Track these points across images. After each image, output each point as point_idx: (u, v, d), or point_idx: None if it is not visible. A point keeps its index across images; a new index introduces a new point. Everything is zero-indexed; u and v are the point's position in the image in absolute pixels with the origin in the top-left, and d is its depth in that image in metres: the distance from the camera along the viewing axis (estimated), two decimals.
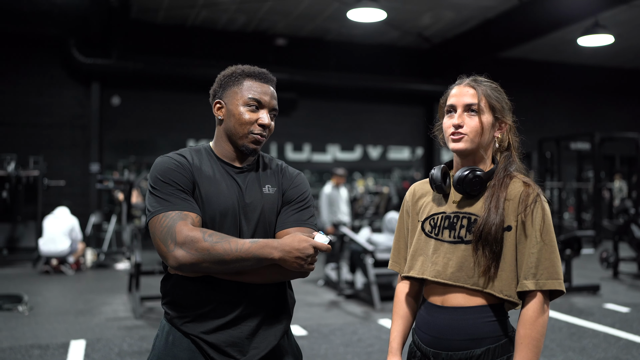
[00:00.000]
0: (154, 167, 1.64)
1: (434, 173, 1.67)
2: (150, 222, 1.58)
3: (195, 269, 1.53)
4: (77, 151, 11.70)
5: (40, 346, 4.70)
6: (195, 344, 1.61)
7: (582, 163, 13.74)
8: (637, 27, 12.28)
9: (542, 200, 1.58)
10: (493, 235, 1.54)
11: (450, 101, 1.66)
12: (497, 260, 1.55)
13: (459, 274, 1.59)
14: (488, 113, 1.65)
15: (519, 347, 1.53)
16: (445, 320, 1.60)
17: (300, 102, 13.14)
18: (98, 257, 9.24)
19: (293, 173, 1.81)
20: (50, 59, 11.57)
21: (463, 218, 1.62)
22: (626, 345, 4.80)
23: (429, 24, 12.29)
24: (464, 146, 1.62)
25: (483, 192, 1.62)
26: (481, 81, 1.69)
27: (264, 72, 1.74)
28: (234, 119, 1.67)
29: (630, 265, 9.04)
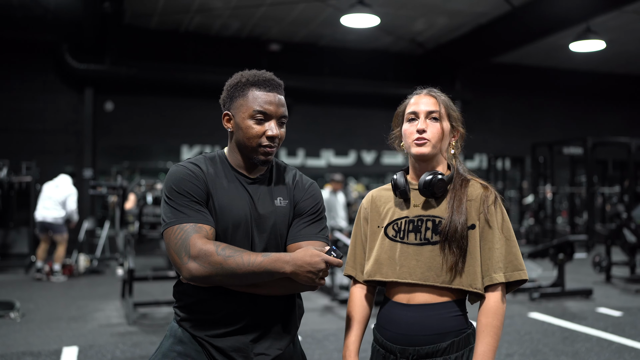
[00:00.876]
0: (169, 177, 1.64)
1: (398, 179, 1.77)
2: (165, 233, 1.60)
3: (208, 281, 1.55)
4: (71, 157, 11.66)
5: (32, 353, 4.67)
6: (201, 345, 1.65)
7: (575, 168, 13.80)
8: (629, 33, 12.37)
9: (501, 202, 1.73)
10: (459, 233, 1.66)
11: (412, 109, 1.76)
12: (463, 256, 1.66)
13: (428, 274, 1.67)
14: (446, 121, 1.76)
15: (481, 335, 1.64)
16: (412, 318, 1.68)
17: (294, 108, 13.13)
18: (91, 263, 9.20)
19: (306, 184, 1.79)
20: (43, 64, 11.54)
21: (427, 221, 1.71)
22: (618, 349, 4.82)
23: (423, 29, 12.34)
24: (428, 151, 1.72)
25: (444, 195, 1.73)
26: (438, 92, 1.80)
27: (270, 79, 1.70)
28: (242, 132, 1.66)
29: (623, 270, 9.08)
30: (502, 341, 5.06)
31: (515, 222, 14.43)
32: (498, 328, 1.65)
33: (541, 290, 6.99)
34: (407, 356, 1.67)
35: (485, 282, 1.67)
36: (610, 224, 9.66)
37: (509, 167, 15.04)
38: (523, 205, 14.44)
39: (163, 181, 1.71)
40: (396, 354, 1.70)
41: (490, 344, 1.63)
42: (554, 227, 13.31)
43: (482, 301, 1.69)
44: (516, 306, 6.63)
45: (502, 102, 15.12)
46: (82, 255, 9.25)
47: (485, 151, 14.93)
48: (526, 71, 15.25)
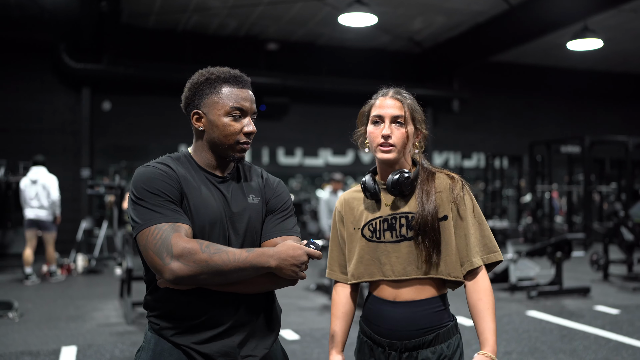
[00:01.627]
0: (138, 178, 1.57)
1: (368, 182, 1.83)
2: (141, 235, 1.51)
3: (193, 281, 1.49)
4: (68, 157, 11.65)
5: (30, 353, 4.67)
6: (186, 354, 1.58)
7: (573, 166, 13.82)
8: (626, 32, 12.39)
9: (468, 188, 1.80)
10: (430, 224, 1.72)
11: (377, 112, 1.79)
12: (438, 246, 1.73)
13: (409, 268, 1.75)
14: (410, 124, 1.80)
15: (483, 314, 1.72)
16: (399, 315, 1.75)
17: (292, 107, 13.15)
18: (89, 263, 9.19)
19: (274, 182, 1.79)
20: (40, 64, 11.52)
21: (401, 218, 1.77)
22: (616, 347, 4.84)
23: (420, 28, 12.35)
24: (393, 156, 1.77)
25: (413, 191, 1.79)
26: (404, 94, 1.83)
27: (240, 75, 1.67)
28: (218, 130, 1.62)
29: (620, 268, 9.10)
30: (500, 339, 5.07)
31: (513, 221, 14.46)
32: (493, 304, 1.75)
33: (539, 288, 7.01)
34: (395, 349, 1.76)
35: (466, 267, 1.75)
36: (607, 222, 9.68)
37: (506, 165, 15.06)
38: (521, 203, 14.46)
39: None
40: (384, 346, 1.78)
41: (493, 320, 1.72)
42: (552, 226, 13.33)
43: (470, 284, 1.76)
44: (514, 304, 6.64)
45: (499, 101, 15.14)
46: (80, 255, 9.25)
47: (483, 150, 14.95)
48: (524, 70, 15.27)
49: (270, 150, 13.46)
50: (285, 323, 5.37)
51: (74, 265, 9.10)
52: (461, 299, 1.82)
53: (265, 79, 12.14)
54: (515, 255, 7.40)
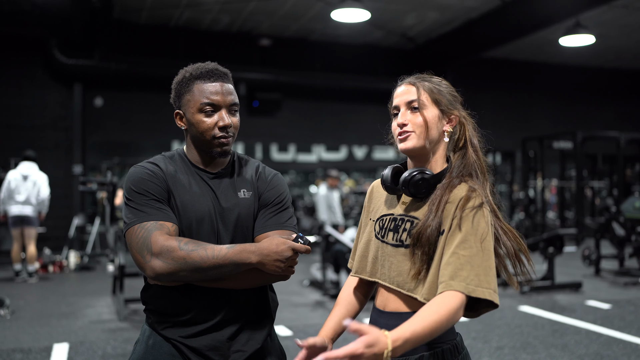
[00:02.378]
0: (128, 178, 1.62)
1: (385, 173, 1.61)
2: (127, 234, 1.56)
3: (173, 278, 1.52)
4: (60, 153, 11.58)
5: (22, 350, 4.65)
6: (176, 348, 1.60)
7: (565, 162, 13.88)
8: (618, 28, 12.43)
9: (485, 207, 1.47)
10: (428, 238, 1.47)
11: (394, 102, 1.61)
12: (428, 264, 1.48)
13: (398, 279, 1.53)
14: (432, 107, 1.57)
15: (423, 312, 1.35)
16: (384, 326, 1.42)
17: (285, 103, 13.13)
18: (82, 260, 9.16)
19: (269, 175, 1.77)
20: (31, 59, 11.44)
21: (407, 221, 1.55)
22: (607, 342, 4.86)
23: (413, 24, 12.34)
24: (412, 144, 1.54)
25: (429, 195, 1.54)
26: (423, 77, 1.63)
27: (213, 69, 1.66)
28: (195, 127, 1.64)
29: (612, 263, 9.16)
30: (492, 334, 5.09)
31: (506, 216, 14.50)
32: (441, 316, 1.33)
33: (531, 283, 7.03)
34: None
35: (440, 288, 1.40)
36: (599, 218, 9.73)
37: (499, 161, 15.10)
38: (513, 199, 14.51)
39: None
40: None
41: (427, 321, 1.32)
42: (544, 221, 13.39)
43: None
44: (507, 299, 6.67)
45: (492, 96, 15.16)
46: (72, 251, 9.21)
47: None
48: (516, 66, 15.31)
49: (263, 146, 13.43)
50: (278, 319, 5.37)
51: (66, 262, 9.06)
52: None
53: (258, 74, 12.12)
54: None
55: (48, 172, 11.11)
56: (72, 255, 9.06)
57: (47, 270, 8.77)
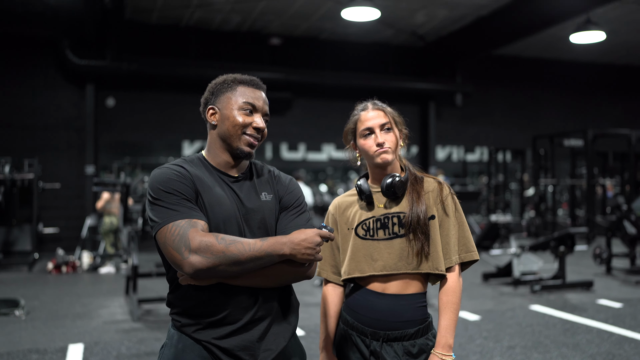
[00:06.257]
0: (154, 179, 1.65)
1: (363, 185, 2.00)
2: (160, 233, 1.59)
3: (212, 273, 1.55)
4: (72, 153, 11.69)
5: (38, 350, 4.72)
6: (207, 350, 1.64)
7: (576, 160, 13.81)
8: (629, 24, 12.35)
9: (452, 193, 1.99)
10: (422, 221, 1.90)
11: (367, 125, 1.96)
12: (427, 242, 1.89)
13: (400, 263, 1.90)
14: (395, 128, 1.99)
15: (443, 311, 1.90)
16: (386, 306, 1.90)
17: (295, 102, 13.16)
18: (94, 260, 9.24)
19: (286, 179, 1.85)
20: (44, 60, 11.54)
21: (393, 217, 1.94)
22: (619, 341, 4.86)
23: (423, 22, 12.33)
24: (390, 158, 1.94)
25: (403, 193, 1.96)
26: (382, 104, 2.02)
27: (256, 79, 1.80)
28: (229, 122, 1.71)
29: (623, 261, 9.11)
30: (503, 333, 5.11)
31: (516, 215, 14.46)
32: (457, 304, 1.91)
33: (542, 282, 7.03)
34: (377, 338, 1.89)
35: (445, 264, 1.92)
36: (610, 216, 9.69)
37: (509, 159, 15.05)
38: (524, 197, 14.46)
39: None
40: (367, 335, 1.91)
41: (451, 319, 1.89)
42: (555, 220, 13.33)
43: (442, 281, 1.94)
44: (517, 299, 6.67)
45: (502, 94, 15.12)
46: (85, 252, 9.30)
47: (486, 144, 14.94)
48: (527, 63, 15.24)
49: (273, 146, 13.48)
50: None
51: (79, 262, 9.15)
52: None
53: (269, 74, 12.15)
54: (518, 250, 7.42)
55: (61, 173, 11.28)
56: (84, 255, 9.14)
57: (60, 270, 8.86)
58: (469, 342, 4.86)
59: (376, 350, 1.89)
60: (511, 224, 10.89)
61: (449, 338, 1.87)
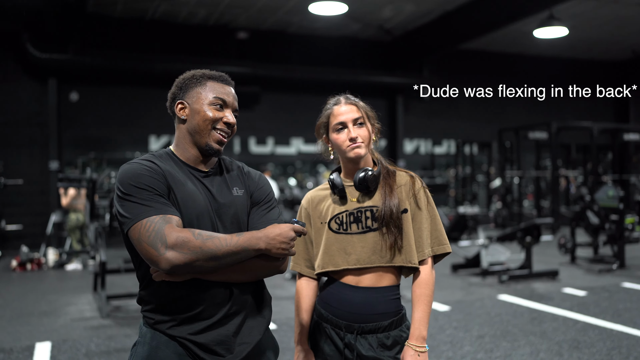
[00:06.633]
0: (124, 174, 1.61)
1: (336, 180, 2.00)
2: (133, 229, 1.56)
3: (189, 269, 1.54)
4: (35, 149, 11.40)
5: (3, 350, 4.61)
6: (182, 346, 1.62)
7: (540, 152, 14.08)
8: (590, 20, 12.63)
9: (425, 186, 2.01)
10: (395, 214, 1.91)
11: (340, 119, 1.95)
12: (400, 235, 1.92)
13: (373, 257, 1.92)
14: (368, 122, 1.98)
15: (417, 304, 1.93)
16: (359, 299, 1.92)
17: (263, 96, 13.09)
18: (60, 257, 9.05)
19: (256, 175, 1.85)
20: (3, 54, 11.22)
21: (366, 211, 1.95)
22: (583, 328, 4.99)
23: (390, 16, 12.38)
24: (363, 152, 1.94)
25: (376, 187, 1.97)
26: (354, 98, 2.01)
27: (225, 75, 1.79)
28: (199, 116, 1.69)
29: (587, 250, 9.34)
30: (473, 323, 5.19)
31: (484, 206, 14.69)
32: (430, 296, 1.94)
33: (510, 272, 7.16)
34: (352, 331, 1.92)
35: (418, 257, 1.94)
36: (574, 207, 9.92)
37: (476, 152, 15.26)
38: (490, 189, 14.70)
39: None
40: (342, 328, 1.93)
41: (425, 311, 1.92)
42: (521, 210, 13.59)
43: (415, 274, 1.96)
44: (486, 289, 6.78)
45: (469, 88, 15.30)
46: (50, 249, 9.11)
47: (453, 137, 15.12)
48: (492, 57, 15.45)
49: (241, 140, 13.39)
50: None
51: (45, 259, 8.96)
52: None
53: (236, 68, 12.03)
54: (486, 241, 7.55)
55: (24, 169, 11.00)
56: (50, 252, 8.95)
57: (25, 268, 8.66)
58: (440, 333, 4.92)
59: (350, 343, 1.91)
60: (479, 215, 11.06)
61: (422, 330, 1.90)
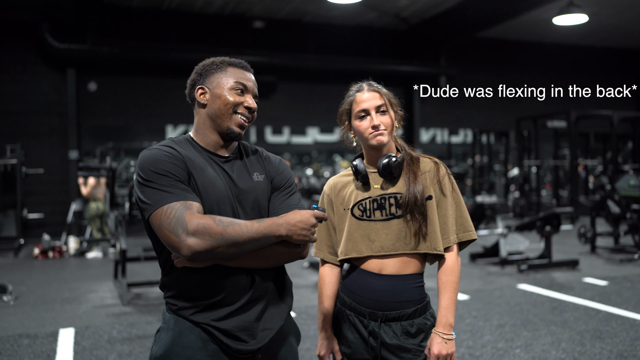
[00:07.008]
0: (144, 160, 1.61)
1: (359, 165, 1.98)
2: (153, 215, 1.55)
3: (210, 255, 1.53)
4: (55, 138, 11.52)
5: (28, 335, 4.69)
6: (206, 332, 1.62)
7: (559, 141, 13.94)
8: (610, 6, 12.43)
9: (449, 172, 1.99)
10: (420, 201, 1.90)
11: (362, 106, 1.94)
12: (425, 222, 1.90)
13: (397, 244, 1.91)
14: (391, 109, 1.96)
15: (443, 291, 1.92)
16: (383, 286, 1.91)
17: (280, 85, 13.08)
18: (81, 245, 9.17)
19: (276, 160, 1.85)
20: (23, 45, 11.31)
21: (390, 198, 1.93)
22: (605, 317, 4.96)
23: (406, 4, 12.29)
24: (385, 139, 1.92)
25: (400, 174, 1.96)
26: (377, 85, 1.99)
27: (244, 61, 1.79)
28: (220, 101, 1.69)
29: (607, 240, 9.26)
30: (492, 312, 5.18)
31: (501, 196, 14.60)
32: (456, 283, 1.93)
33: (529, 262, 7.13)
34: (375, 319, 1.90)
35: (443, 244, 1.93)
36: (594, 196, 9.82)
37: (493, 141, 15.15)
38: (508, 178, 14.60)
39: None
40: (365, 316, 1.92)
41: (451, 298, 1.91)
42: (539, 200, 13.48)
43: (441, 261, 1.95)
44: (505, 278, 6.75)
45: (486, 76, 15.15)
46: (71, 237, 9.22)
47: (470, 126, 15.01)
48: (510, 45, 15.29)
49: (257, 129, 13.42)
50: None
51: (66, 247, 9.07)
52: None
53: (252, 57, 11.80)
54: (505, 230, 7.51)
55: (44, 158, 11.12)
56: (71, 240, 9.06)
57: (47, 255, 8.79)
58: (459, 322, 4.92)
59: (375, 331, 1.90)
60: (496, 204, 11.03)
61: (449, 317, 1.89)
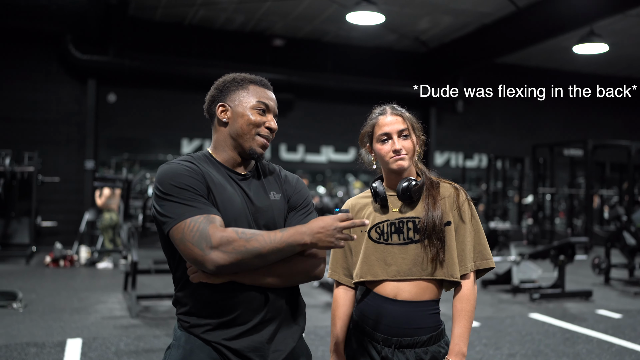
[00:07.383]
0: (164, 174, 1.60)
1: (379, 188, 1.96)
2: (175, 229, 1.54)
3: (234, 268, 1.53)
4: (72, 148, 11.65)
5: (36, 344, 4.69)
6: (217, 351, 1.60)
7: (575, 169, 13.84)
8: (631, 37, 12.40)
9: (469, 199, 1.97)
10: (438, 227, 1.87)
11: (384, 130, 1.93)
12: (442, 247, 1.88)
13: (414, 269, 1.88)
14: (413, 134, 1.96)
15: (457, 319, 1.88)
16: (398, 312, 1.87)
17: (297, 103, 13.15)
18: (92, 255, 9.20)
19: (293, 179, 1.84)
20: (46, 54, 11.51)
21: (408, 222, 1.91)
22: (619, 352, 4.86)
23: (427, 28, 12.35)
24: (407, 164, 1.92)
25: (419, 198, 1.94)
26: (400, 109, 1.99)
27: (264, 79, 1.78)
28: (243, 120, 1.68)
29: (622, 272, 9.12)
30: (503, 341, 5.10)
31: (514, 222, 14.48)
32: (471, 312, 1.89)
33: (541, 291, 7.03)
34: (389, 345, 1.87)
35: (460, 271, 1.89)
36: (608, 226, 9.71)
37: (508, 167, 15.08)
38: (522, 205, 14.48)
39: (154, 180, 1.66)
40: (379, 341, 1.88)
41: (465, 327, 1.87)
42: (553, 228, 13.36)
43: (457, 288, 1.92)
44: (517, 306, 6.67)
45: (503, 102, 15.13)
46: (83, 246, 9.26)
47: (485, 151, 14.96)
48: (528, 72, 15.25)
49: (272, 146, 13.46)
50: None
51: (77, 256, 9.11)
52: None
53: (271, 74, 11.76)
54: (518, 257, 7.43)
55: (61, 167, 11.23)
56: (82, 250, 9.10)
57: (58, 264, 8.83)
58: (470, 349, 4.85)
59: (388, 357, 1.87)
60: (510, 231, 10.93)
61: (462, 346, 1.85)
